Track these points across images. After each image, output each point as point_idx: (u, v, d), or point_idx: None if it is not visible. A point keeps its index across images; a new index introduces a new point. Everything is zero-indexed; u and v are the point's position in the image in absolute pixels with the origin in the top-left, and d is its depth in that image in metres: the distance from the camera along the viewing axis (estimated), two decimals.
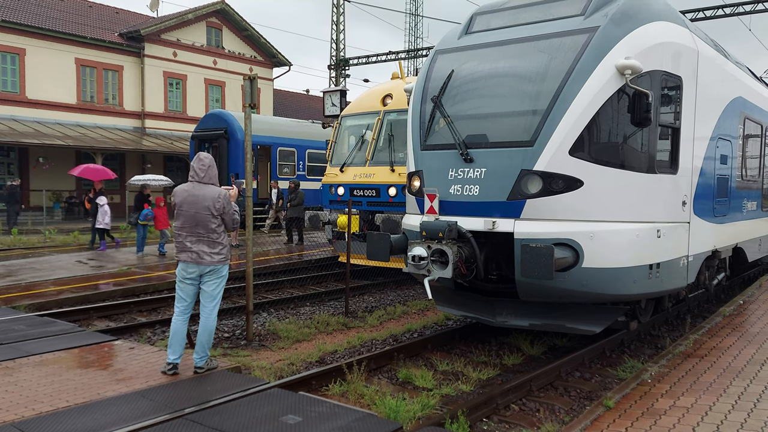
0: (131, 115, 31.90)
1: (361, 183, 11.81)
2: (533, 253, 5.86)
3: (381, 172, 11.56)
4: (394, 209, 11.20)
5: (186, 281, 5.90)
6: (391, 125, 11.83)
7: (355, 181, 11.92)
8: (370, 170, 11.77)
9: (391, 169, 11.35)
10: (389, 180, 11.37)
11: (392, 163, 11.38)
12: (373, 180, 11.64)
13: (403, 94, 11.85)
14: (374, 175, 11.66)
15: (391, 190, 11.34)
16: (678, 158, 7.00)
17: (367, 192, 11.75)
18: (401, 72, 12.95)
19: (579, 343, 7.86)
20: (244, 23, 36.07)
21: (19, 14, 28.29)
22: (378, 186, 11.56)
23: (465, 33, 7.59)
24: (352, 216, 11.98)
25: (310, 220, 12.55)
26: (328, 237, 12.81)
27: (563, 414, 5.76)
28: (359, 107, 12.76)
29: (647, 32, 6.57)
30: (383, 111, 12.01)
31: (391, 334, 8.53)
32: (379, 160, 11.70)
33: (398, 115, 11.80)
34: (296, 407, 5.04)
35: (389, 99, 12.11)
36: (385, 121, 11.91)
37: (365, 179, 11.74)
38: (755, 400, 5.20)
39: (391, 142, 11.69)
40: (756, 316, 8.61)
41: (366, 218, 11.76)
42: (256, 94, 7.95)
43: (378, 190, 11.56)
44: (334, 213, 12.31)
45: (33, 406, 5.01)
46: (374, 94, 12.68)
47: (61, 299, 9.80)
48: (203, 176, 5.86)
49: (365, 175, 11.79)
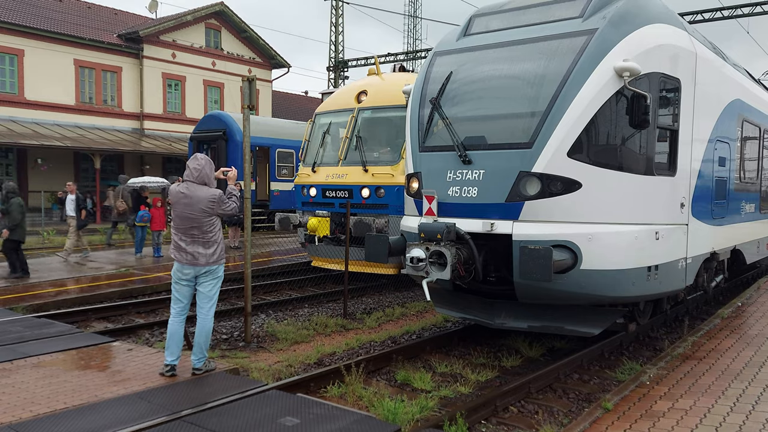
0: (130, 117, 31.88)
1: (333, 184, 11.35)
2: (532, 254, 5.86)
3: (354, 173, 11.13)
4: (368, 211, 10.92)
5: (182, 282, 5.90)
6: (366, 123, 11.43)
7: (327, 182, 11.45)
8: (343, 170, 11.32)
9: (364, 169, 10.93)
10: (362, 181, 10.96)
11: (365, 163, 10.95)
12: (346, 181, 11.19)
13: (378, 90, 11.60)
14: (347, 175, 11.22)
15: (364, 192, 10.94)
16: (676, 160, 7.00)
17: (340, 193, 11.30)
18: (377, 68, 12.44)
19: (577, 345, 7.86)
20: (242, 25, 36.09)
21: (18, 15, 28.27)
22: (351, 187, 11.12)
23: (463, 35, 7.60)
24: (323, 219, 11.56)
25: (280, 222, 12.09)
26: (301, 241, 12.39)
27: (562, 416, 5.75)
28: (333, 104, 12.28)
29: (645, 35, 6.58)
30: (357, 108, 11.51)
31: (390, 335, 8.52)
32: (352, 159, 11.24)
33: (373, 113, 11.41)
34: (294, 409, 5.04)
35: (364, 96, 11.62)
36: (359, 119, 11.43)
37: (337, 180, 11.30)
38: (754, 402, 5.20)
39: (366, 141, 11.28)
40: (754, 318, 8.61)
41: (338, 221, 11.36)
42: (255, 95, 7.95)
43: (350, 191, 11.12)
44: (306, 215, 11.88)
45: (30, 407, 4.99)
46: (349, 91, 12.22)
47: (59, 300, 9.78)
48: (197, 176, 5.85)
49: (337, 176, 11.34)
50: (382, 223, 10.71)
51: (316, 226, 11.52)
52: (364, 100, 11.58)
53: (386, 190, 10.77)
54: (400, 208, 10.32)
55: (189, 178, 5.88)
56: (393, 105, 11.06)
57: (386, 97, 11.37)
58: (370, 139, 11.38)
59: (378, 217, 10.77)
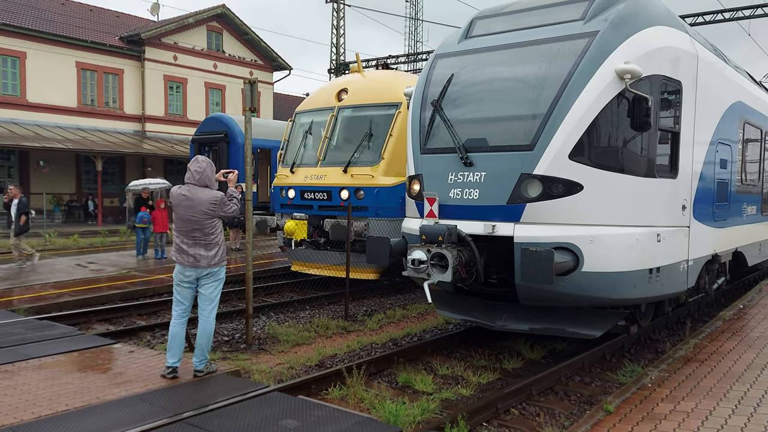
0: (131, 119, 31.93)
1: (312, 185, 10.92)
2: (533, 257, 5.86)
3: (333, 174, 10.68)
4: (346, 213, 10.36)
5: (183, 284, 5.90)
6: (346, 122, 11.03)
7: (306, 183, 11.01)
8: (322, 171, 10.86)
9: (343, 170, 10.51)
10: (341, 182, 10.53)
11: (344, 164, 10.52)
12: (325, 182, 10.73)
13: (359, 88, 11.21)
14: (326, 176, 10.76)
15: (343, 193, 10.50)
16: (678, 162, 7.00)
17: (318, 195, 10.83)
18: (359, 66, 12.08)
19: (579, 347, 7.85)
20: (244, 27, 36.15)
21: (20, 18, 28.34)
22: (330, 188, 10.66)
23: (465, 37, 7.60)
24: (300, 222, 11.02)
25: (257, 225, 11.78)
26: (280, 244, 12.07)
27: (563, 418, 5.75)
28: (313, 103, 11.89)
29: (647, 37, 6.58)
30: (338, 107, 11.11)
31: (391, 337, 8.52)
32: (331, 160, 10.82)
33: (353, 111, 10.96)
34: (296, 411, 5.03)
35: (345, 94, 11.21)
36: (339, 118, 11.04)
37: (316, 181, 10.86)
38: (755, 404, 5.19)
39: (346, 140, 10.85)
40: (756, 320, 8.60)
41: (316, 224, 10.95)
42: (257, 97, 7.96)
43: (329, 192, 10.65)
44: (284, 218, 11.49)
45: (32, 409, 5.00)
46: (329, 89, 11.80)
47: (61, 302, 9.80)
48: (198, 179, 5.85)
49: (316, 177, 10.89)
50: (361, 226, 10.30)
51: (293, 229, 11.08)
52: (344, 99, 11.20)
53: (366, 192, 10.35)
54: (380, 211, 10.03)
55: (190, 181, 5.88)
56: (374, 103, 10.78)
57: (367, 95, 11.03)
58: (351, 138, 10.94)
59: (357, 220, 10.34)
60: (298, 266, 11.80)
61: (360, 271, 10.60)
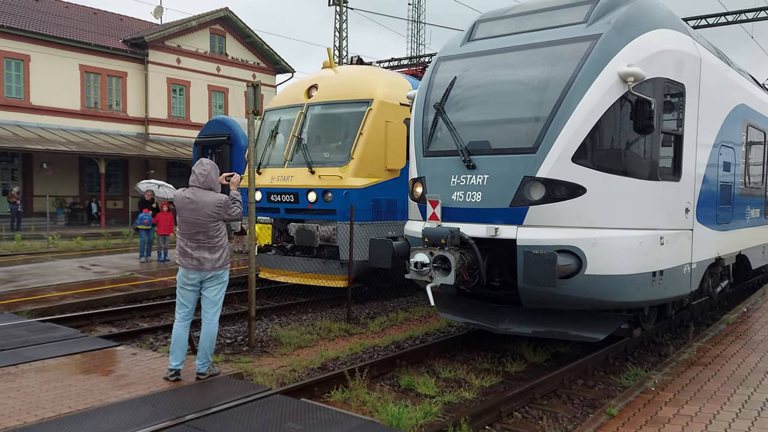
0: (134, 121, 32.02)
1: (278, 187, 10.39)
2: (536, 259, 5.86)
3: (300, 175, 10.17)
4: (315, 217, 10.03)
5: (187, 287, 5.90)
6: (315, 120, 10.54)
7: (272, 185, 10.48)
8: (289, 172, 10.34)
9: (310, 170, 10.03)
10: (308, 183, 10.02)
11: (311, 164, 10.03)
12: (291, 183, 10.21)
13: (330, 84, 10.73)
14: (293, 177, 10.24)
15: (310, 195, 9.99)
16: (681, 165, 6.99)
17: (285, 197, 10.31)
18: (330, 60, 11.49)
19: (582, 350, 7.83)
20: (247, 30, 36.24)
21: (24, 21, 28.45)
22: (296, 190, 10.15)
23: (467, 40, 7.61)
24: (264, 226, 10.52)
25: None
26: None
27: (566, 422, 5.73)
28: (282, 100, 11.38)
29: (650, 40, 6.58)
30: (307, 104, 10.57)
31: (393, 340, 8.51)
32: (299, 160, 10.29)
33: (323, 109, 10.41)
34: (298, 414, 5.03)
35: (314, 90, 10.68)
36: (308, 116, 10.50)
37: (283, 182, 10.33)
38: (759, 408, 5.17)
39: (314, 139, 10.40)
40: (760, 323, 8.58)
41: (282, 228, 10.55)
42: (260, 100, 7.97)
43: (296, 195, 10.15)
44: None
45: (35, 412, 5.00)
46: (299, 85, 11.28)
47: (64, 305, 9.82)
48: (203, 182, 5.85)
49: (283, 178, 10.36)
50: (329, 230, 9.88)
51: (257, 234, 10.47)
52: (314, 95, 10.64)
53: (334, 194, 9.86)
54: (349, 214, 9.50)
55: (195, 184, 5.88)
56: (345, 100, 10.31)
57: (338, 91, 10.54)
58: (320, 137, 10.53)
59: (324, 224, 9.92)
60: (267, 273, 11.26)
61: (328, 278, 10.20)
